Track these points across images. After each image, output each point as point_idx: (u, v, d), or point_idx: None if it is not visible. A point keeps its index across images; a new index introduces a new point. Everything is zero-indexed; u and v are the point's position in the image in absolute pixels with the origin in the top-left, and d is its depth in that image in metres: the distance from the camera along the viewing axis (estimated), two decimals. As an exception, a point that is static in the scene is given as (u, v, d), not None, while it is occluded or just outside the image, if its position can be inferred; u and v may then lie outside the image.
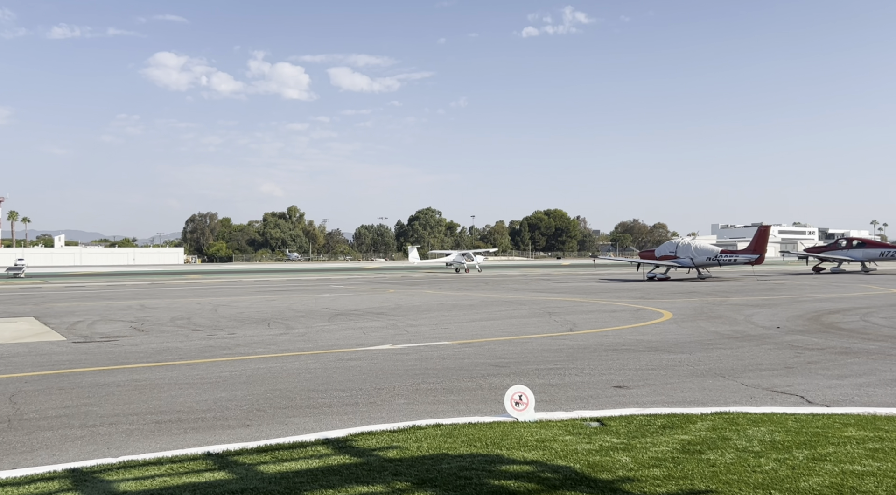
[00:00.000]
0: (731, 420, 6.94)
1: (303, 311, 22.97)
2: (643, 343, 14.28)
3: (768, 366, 11.16)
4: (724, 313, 20.53)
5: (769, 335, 15.26)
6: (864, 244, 55.35)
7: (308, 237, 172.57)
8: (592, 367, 11.26)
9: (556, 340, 14.88)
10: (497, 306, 24.21)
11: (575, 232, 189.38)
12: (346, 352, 13.40)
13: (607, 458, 5.62)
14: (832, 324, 17.36)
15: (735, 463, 5.45)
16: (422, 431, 6.68)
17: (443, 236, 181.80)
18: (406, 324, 18.57)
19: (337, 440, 6.45)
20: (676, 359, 12.11)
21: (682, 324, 17.71)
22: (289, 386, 9.88)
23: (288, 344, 14.78)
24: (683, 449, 5.87)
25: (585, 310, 22.38)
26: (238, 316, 21.63)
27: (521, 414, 7.15)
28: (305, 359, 12.61)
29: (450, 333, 16.31)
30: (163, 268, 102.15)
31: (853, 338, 14.46)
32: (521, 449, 5.96)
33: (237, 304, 26.68)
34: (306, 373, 11.01)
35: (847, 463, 5.38)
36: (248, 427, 7.56)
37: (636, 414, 7.36)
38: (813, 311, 20.67)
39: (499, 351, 13.33)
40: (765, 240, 45.29)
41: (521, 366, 11.50)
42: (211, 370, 11.41)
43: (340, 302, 27.45)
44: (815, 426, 6.61)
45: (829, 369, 10.82)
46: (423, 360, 12.17)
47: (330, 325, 18.49)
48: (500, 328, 17.37)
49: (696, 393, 9.06)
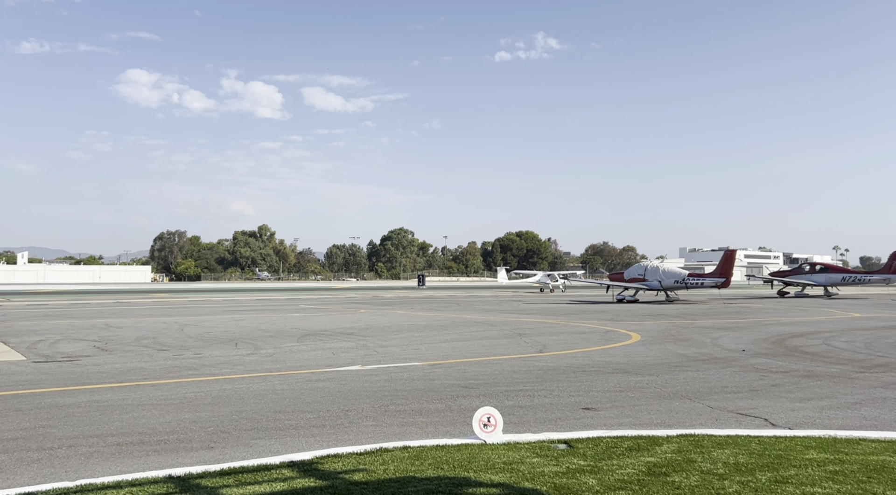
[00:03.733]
0: (696, 442, 7.00)
1: (271, 331, 22.70)
2: (612, 365, 14.38)
3: (733, 389, 11.30)
4: (691, 336, 20.78)
5: (735, 358, 15.48)
6: (826, 269, 56.63)
7: (279, 256, 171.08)
8: (561, 389, 11.29)
9: (526, 361, 14.90)
10: (468, 327, 24.20)
11: (546, 253, 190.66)
12: (314, 372, 13.26)
13: (574, 481, 5.63)
14: (796, 347, 17.68)
15: (699, 485, 5.50)
16: (389, 453, 6.62)
17: (415, 256, 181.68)
18: (376, 344, 18.46)
19: (302, 463, 6.36)
20: (644, 381, 12.21)
21: (650, 347, 17.88)
22: (255, 408, 9.73)
23: (255, 364, 14.58)
24: (649, 472, 5.91)
25: (555, 331, 22.47)
26: (205, 335, 21.29)
27: (489, 436, 7.14)
28: (273, 379, 12.44)
29: (420, 354, 16.24)
30: (129, 286, 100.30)
31: (816, 362, 14.74)
32: (489, 471, 5.94)
33: (204, 324, 26.27)
34: (273, 395, 10.86)
35: (808, 485, 5.46)
36: (213, 449, 7.42)
37: (603, 436, 7.39)
38: (777, 335, 21.03)
39: (469, 372, 13.30)
40: (731, 264, 46.09)
41: (490, 387, 11.49)
42: (175, 391, 11.19)
43: (310, 322, 27.19)
44: (777, 448, 6.70)
45: (792, 392, 10.99)
46: (392, 381, 12.09)
47: (299, 346, 18.29)
48: (470, 349, 17.35)
49: (663, 415, 9.14)
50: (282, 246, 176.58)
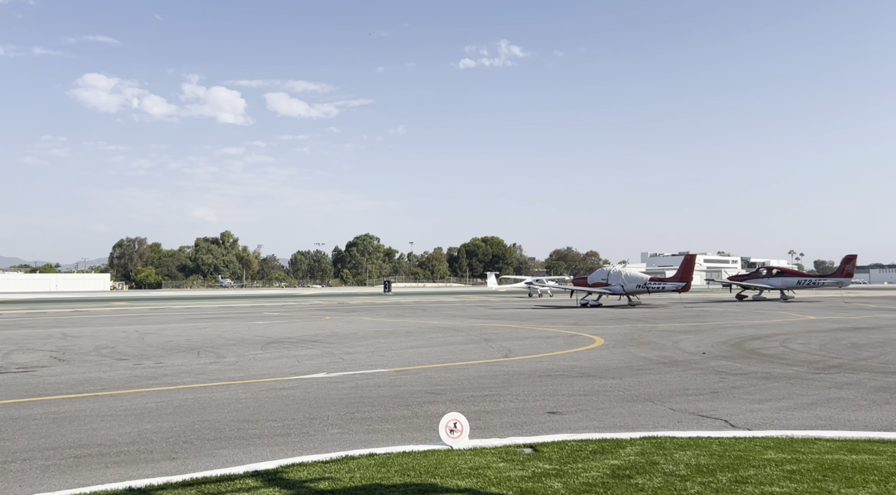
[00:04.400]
0: (658, 444, 7.12)
1: (235, 339, 22.38)
2: (576, 368, 14.52)
3: (694, 391, 11.51)
4: (653, 339, 21.10)
5: (695, 360, 15.76)
6: (783, 273, 58.10)
7: (242, 263, 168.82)
8: (527, 393, 11.37)
9: (492, 367, 14.96)
10: (434, 333, 24.19)
11: (511, 259, 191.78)
12: (279, 381, 13.12)
13: (539, 485, 5.68)
14: (754, 349, 18.08)
15: (662, 487, 5.59)
16: (355, 461, 6.59)
17: (381, 262, 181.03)
18: (342, 351, 18.34)
19: (267, 472, 6.29)
20: (608, 384, 12.36)
21: (614, 350, 18.10)
22: (218, 417, 9.59)
23: (218, 373, 14.36)
24: (613, 475, 5.99)
25: (521, 336, 22.61)
26: (166, 344, 20.90)
27: (455, 442, 7.15)
28: (236, 388, 12.27)
29: (386, 361, 16.19)
30: (87, 294, 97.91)
31: (773, 364, 15.09)
32: (455, 477, 5.95)
33: (166, 332, 25.79)
34: (237, 403, 10.71)
35: (766, 484, 5.59)
36: (174, 460, 7.29)
37: (568, 439, 7.46)
38: (736, 337, 21.48)
39: (435, 378, 13.30)
40: (691, 269, 46.98)
41: (457, 392, 11.51)
42: (136, 401, 10.97)
43: (274, 329, 26.89)
44: (737, 449, 6.85)
45: (751, 393, 11.24)
46: (358, 388, 12.03)
47: (263, 354, 18.07)
48: (437, 355, 17.35)
49: (627, 418, 9.27)
50: (245, 253, 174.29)
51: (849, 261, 56.75)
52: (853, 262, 56.76)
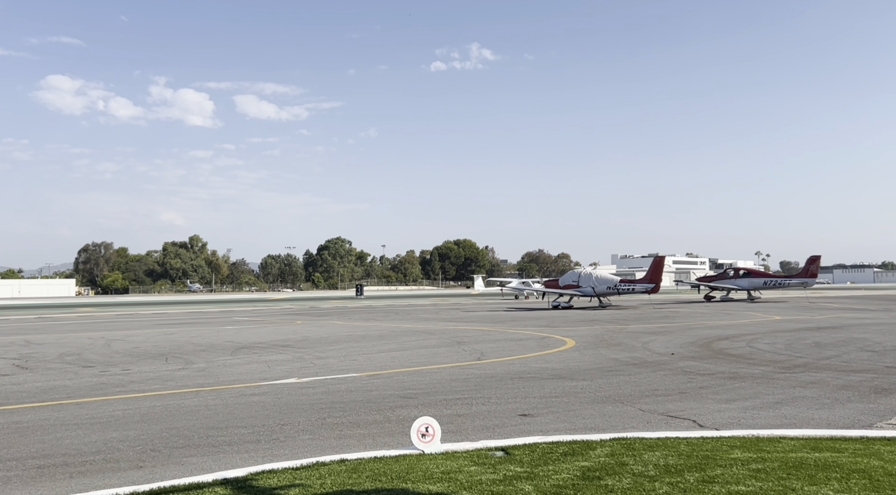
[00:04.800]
0: (628, 445, 7.20)
1: (204, 345, 22.10)
2: (548, 371, 14.61)
3: (663, 392, 11.67)
4: (623, 340, 21.34)
5: (664, 361, 15.97)
6: (749, 274, 59.15)
7: (211, 267, 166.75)
8: (499, 396, 11.41)
9: (465, 370, 14.99)
10: (407, 336, 24.15)
11: (484, 261, 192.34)
12: (249, 387, 12.99)
13: (510, 488, 5.71)
14: (721, 350, 18.38)
15: (631, 487, 5.66)
16: (326, 467, 6.55)
17: (353, 266, 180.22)
18: (313, 356, 18.21)
19: (236, 479, 6.22)
20: (579, 386, 12.47)
21: (585, 352, 18.26)
22: (186, 425, 9.46)
23: (187, 379, 14.17)
24: (584, 476, 6.04)
25: (493, 338, 22.69)
26: (133, 351, 20.56)
27: (427, 446, 7.15)
28: (205, 395, 12.12)
29: (358, 365, 16.12)
30: (52, 300, 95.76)
31: (740, 364, 15.36)
32: (427, 481, 5.95)
33: (133, 338, 25.36)
34: (206, 410, 10.58)
35: (733, 484, 5.69)
36: (142, 468, 7.17)
37: (539, 442, 7.51)
38: (704, 338, 21.82)
39: (407, 382, 13.28)
40: (660, 270, 47.60)
41: (429, 396, 11.51)
42: (102, 409, 10.77)
43: (244, 334, 26.60)
44: (705, 449, 6.96)
45: (718, 393, 11.43)
46: (329, 394, 11.96)
47: (233, 359, 17.87)
48: (409, 358, 17.33)
49: (597, 420, 9.36)
50: (214, 257, 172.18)
51: (813, 262, 58.02)
52: (817, 263, 58.04)
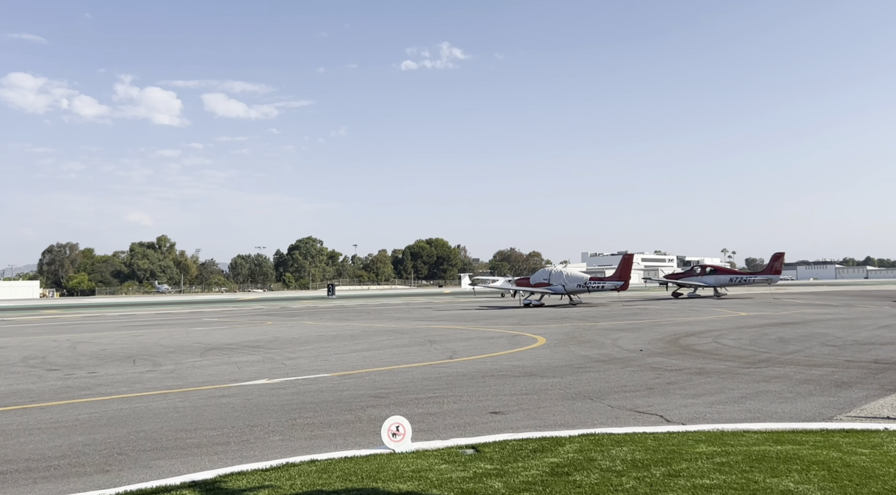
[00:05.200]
0: (596, 441, 7.30)
1: (172, 347, 21.82)
2: (518, 368, 14.72)
3: (632, 388, 11.83)
4: (592, 337, 21.57)
5: (633, 358, 16.20)
6: (715, 271, 60.15)
7: (180, 268, 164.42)
8: (470, 394, 11.47)
9: (437, 368, 15.03)
10: (379, 336, 24.12)
11: (456, 260, 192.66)
12: (218, 388, 12.87)
13: (480, 485, 5.75)
14: (688, 346, 18.69)
15: (599, 483, 5.74)
16: (296, 468, 6.53)
17: (324, 266, 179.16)
18: (284, 357, 18.10)
19: (205, 482, 6.17)
20: (549, 383, 12.58)
21: (555, 349, 18.43)
22: (154, 427, 9.35)
23: (155, 382, 13.99)
24: (552, 472, 6.12)
25: (465, 337, 22.77)
26: (100, 353, 20.22)
27: (397, 446, 7.17)
28: (173, 397, 11.98)
29: (329, 365, 16.06)
30: (15, 302, 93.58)
31: (706, 359, 15.64)
32: (397, 480, 5.97)
33: (99, 341, 24.94)
34: (174, 413, 10.46)
35: (698, 477, 5.81)
36: (108, 473, 7.08)
37: (509, 439, 7.57)
38: (672, 334, 22.16)
39: (379, 381, 13.28)
40: (629, 268, 48.19)
41: (401, 395, 11.52)
42: (67, 413, 10.58)
43: (214, 335, 26.32)
44: (671, 444, 7.09)
45: (685, 389, 11.63)
46: (300, 394, 11.90)
47: (202, 361, 17.68)
48: (381, 358, 17.32)
49: (567, 416, 9.46)
50: (183, 257, 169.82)
51: (777, 259, 59.22)
52: (781, 260, 59.25)
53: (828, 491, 5.36)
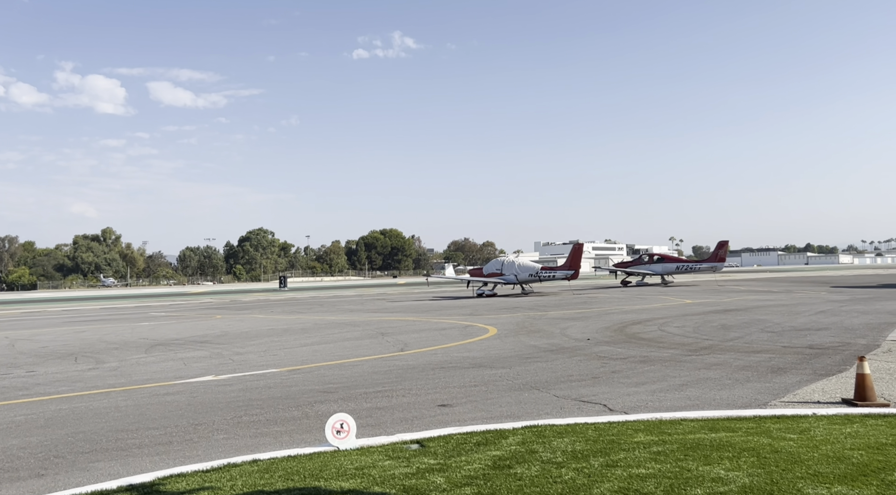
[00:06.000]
0: (539, 433, 7.42)
1: (117, 343, 21.28)
2: (469, 360, 14.83)
3: (578, 377, 12.06)
4: (542, 327, 21.87)
5: (581, 347, 16.49)
6: (663, 259, 61.54)
7: (126, 261, 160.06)
8: (420, 387, 11.51)
9: (387, 361, 15.03)
10: (330, 329, 23.97)
11: (410, 251, 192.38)
12: (162, 386, 12.62)
13: (422, 481, 5.80)
14: (635, 334, 19.11)
15: (539, 475, 5.85)
16: (237, 468, 6.46)
17: (276, 257, 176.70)
18: (232, 352, 17.84)
19: (143, 485, 6.06)
20: (498, 374, 12.72)
21: (505, 340, 18.62)
22: (94, 428, 9.13)
23: (97, 380, 13.64)
24: (494, 465, 6.20)
25: (417, 329, 22.80)
26: (40, 351, 19.59)
27: (342, 443, 7.16)
28: (116, 396, 11.70)
29: (278, 360, 15.90)
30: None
31: (651, 347, 16.02)
32: (340, 479, 5.97)
33: (39, 338, 24.15)
34: (115, 412, 10.23)
35: (634, 467, 5.97)
36: (43, 477, 6.88)
37: (454, 433, 7.64)
38: (619, 323, 22.62)
39: (328, 376, 13.21)
40: (579, 257, 48.92)
41: (349, 390, 11.49)
42: (2, 415, 10.24)
43: (160, 330, 25.76)
44: (611, 434, 7.26)
45: (629, 377, 11.90)
46: (247, 391, 11.76)
47: (147, 357, 17.30)
48: (331, 351, 17.22)
49: (513, 407, 9.59)
50: (129, 250, 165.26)
51: (721, 247, 60.93)
52: (726, 248, 60.98)
53: (755, 477, 5.57)
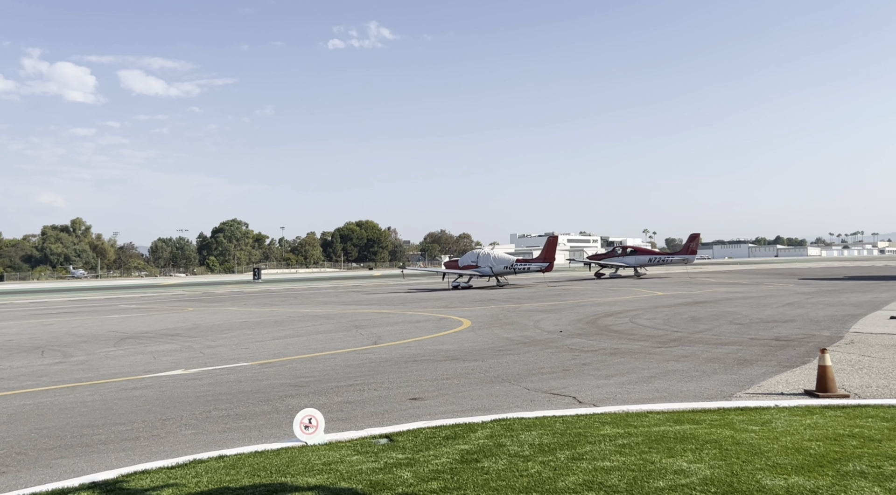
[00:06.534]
0: (507, 426, 7.47)
1: (85, 336, 20.96)
2: (442, 352, 14.86)
3: (549, 370, 12.15)
4: (516, 319, 21.98)
5: (553, 339, 16.61)
6: (636, 251, 62.17)
7: (96, 252, 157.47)
8: (392, 381, 11.51)
9: (360, 354, 15.00)
10: (304, 322, 23.84)
11: (386, 243, 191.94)
12: (131, 380, 12.46)
13: (390, 476, 5.81)
14: (606, 326, 19.31)
15: (506, 468, 5.89)
16: (203, 465, 6.42)
17: (250, 249, 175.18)
18: (203, 345, 17.67)
19: (106, 482, 5.99)
20: (470, 366, 12.77)
21: (479, 332, 18.69)
22: (59, 424, 8.99)
23: (63, 374, 13.43)
24: (462, 459, 6.23)
25: (391, 321, 22.78)
26: (5, 344, 19.22)
27: (310, 438, 7.14)
28: (82, 390, 11.54)
29: (250, 353, 15.79)
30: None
31: (621, 339, 16.20)
32: (307, 474, 5.96)
33: (5, 331, 23.69)
34: (82, 407, 10.09)
35: (599, 460, 6.04)
36: (4, 474, 6.77)
37: (424, 427, 7.66)
38: (592, 315, 22.83)
39: (300, 369, 13.15)
40: (554, 249, 49.21)
41: (321, 384, 11.45)
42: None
43: (131, 323, 25.42)
44: (578, 427, 7.33)
45: (599, 369, 12.02)
46: (217, 385, 11.67)
47: (115, 351, 17.07)
48: (304, 345, 17.14)
49: (484, 400, 9.64)
50: (99, 241, 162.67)
51: (693, 240, 61.67)
52: (697, 240, 61.73)
53: (716, 468, 5.67)
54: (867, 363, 11.67)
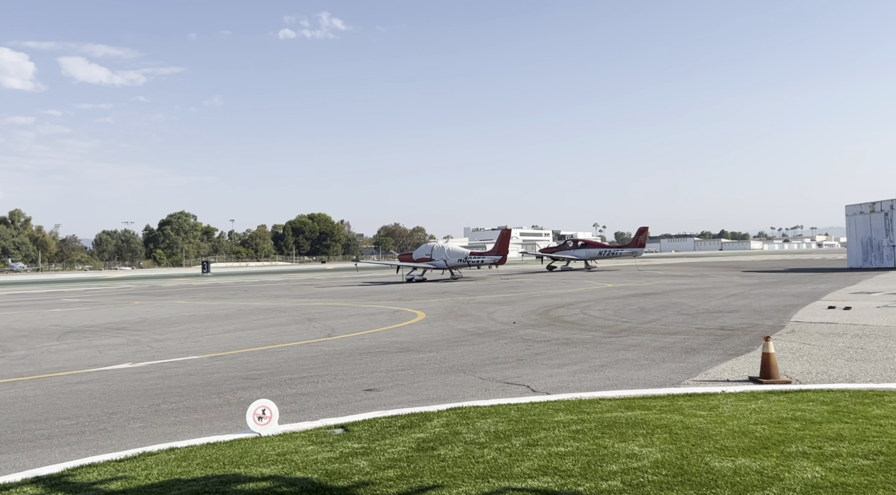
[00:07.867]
0: (463, 414, 7.52)
1: (26, 330, 20.22)
2: (397, 344, 14.84)
3: (503, 360, 12.26)
4: (470, 311, 22.10)
5: (506, 330, 16.76)
6: (586, 245, 63.17)
7: (37, 245, 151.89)
8: (346, 372, 11.44)
9: (314, 347, 14.86)
10: (255, 315, 23.48)
11: (339, 236, 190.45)
12: (75, 374, 12.08)
13: (346, 465, 5.78)
14: (558, 317, 19.57)
15: (462, 456, 5.93)
16: (153, 457, 6.27)
17: (199, 242, 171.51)
18: (150, 339, 17.24)
19: (51, 477, 5.80)
20: (425, 358, 12.78)
21: (434, 324, 18.72)
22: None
23: (2, 369, 12.95)
24: (418, 448, 6.25)
25: (345, 314, 22.63)
26: (-63, 340, 18.38)
27: (263, 429, 7.05)
28: (23, 385, 11.13)
29: (200, 347, 15.48)
30: None
31: (573, 330, 16.45)
32: (261, 465, 5.88)
33: (-63, 326, 22.64)
34: (23, 402, 9.74)
35: (554, 445, 6.13)
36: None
37: (379, 416, 7.64)
38: (544, 306, 23.11)
39: (252, 362, 12.96)
40: (507, 242, 49.62)
41: (273, 376, 11.31)
42: None
43: (74, 317, 24.62)
44: (532, 414, 7.42)
45: (552, 359, 12.19)
46: (166, 378, 11.41)
47: (58, 345, 16.51)
48: (256, 338, 16.89)
49: (439, 390, 9.67)
50: (40, 233, 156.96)
51: (642, 233, 62.98)
52: (645, 234, 63.06)
53: (667, 452, 5.82)
54: (807, 350, 12.12)
